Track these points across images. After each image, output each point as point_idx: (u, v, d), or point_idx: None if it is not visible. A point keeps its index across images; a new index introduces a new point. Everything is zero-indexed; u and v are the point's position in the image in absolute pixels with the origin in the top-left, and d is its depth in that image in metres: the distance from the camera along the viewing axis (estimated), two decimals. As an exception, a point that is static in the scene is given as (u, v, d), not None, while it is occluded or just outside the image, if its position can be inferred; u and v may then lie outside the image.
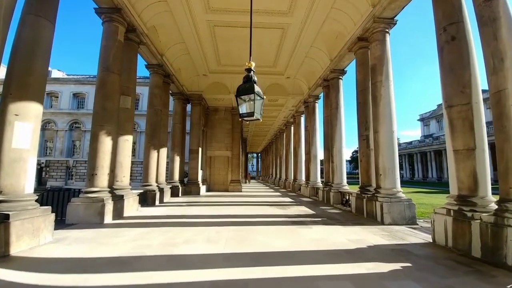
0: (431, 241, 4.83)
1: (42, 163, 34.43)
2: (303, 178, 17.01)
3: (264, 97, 4.20)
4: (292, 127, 19.94)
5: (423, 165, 51.51)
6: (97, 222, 6.09)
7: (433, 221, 4.89)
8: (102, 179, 6.48)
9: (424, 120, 57.30)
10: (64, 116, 34.52)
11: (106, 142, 6.62)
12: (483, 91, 5.02)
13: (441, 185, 33.39)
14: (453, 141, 4.75)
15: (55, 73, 37.80)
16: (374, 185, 7.65)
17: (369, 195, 7.32)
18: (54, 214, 4.79)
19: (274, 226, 6.08)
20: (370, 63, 7.60)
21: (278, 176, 26.52)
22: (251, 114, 4.01)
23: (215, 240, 4.70)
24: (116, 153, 7.29)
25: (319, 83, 12.34)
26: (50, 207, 4.83)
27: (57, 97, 35.28)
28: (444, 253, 4.14)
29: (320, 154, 14.38)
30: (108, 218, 6.28)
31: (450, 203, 4.72)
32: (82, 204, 6.21)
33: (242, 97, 3.91)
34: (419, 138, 55.36)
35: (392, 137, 6.93)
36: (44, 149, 35.08)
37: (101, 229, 5.55)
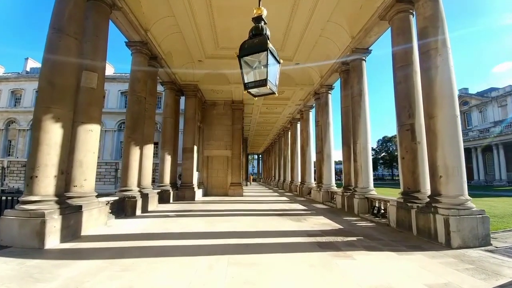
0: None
1: (31, 165, 32.41)
2: (313, 180, 15.13)
3: (281, 61, 2.75)
4: (299, 124, 18.00)
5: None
6: (35, 246, 4.17)
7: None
8: (46, 184, 4.51)
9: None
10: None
11: (53, 131, 4.65)
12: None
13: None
14: None
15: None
16: (424, 190, 5.70)
17: (420, 205, 5.33)
18: None
19: (295, 255, 4.08)
20: (418, 26, 5.65)
21: (282, 178, 24.49)
22: (261, 82, 2.45)
23: (203, 291, 2.73)
24: (74, 148, 5.34)
25: (336, 68, 10.40)
26: None
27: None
28: None
29: (334, 153, 12.49)
30: (52, 241, 4.31)
31: None
32: (17, 220, 4.29)
33: (248, 58, 2.50)
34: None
35: (456, 123, 4.97)
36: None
37: (31, 260, 3.60)
